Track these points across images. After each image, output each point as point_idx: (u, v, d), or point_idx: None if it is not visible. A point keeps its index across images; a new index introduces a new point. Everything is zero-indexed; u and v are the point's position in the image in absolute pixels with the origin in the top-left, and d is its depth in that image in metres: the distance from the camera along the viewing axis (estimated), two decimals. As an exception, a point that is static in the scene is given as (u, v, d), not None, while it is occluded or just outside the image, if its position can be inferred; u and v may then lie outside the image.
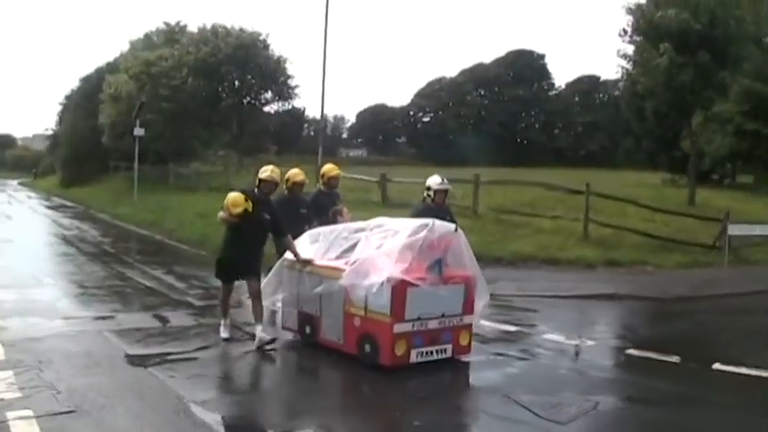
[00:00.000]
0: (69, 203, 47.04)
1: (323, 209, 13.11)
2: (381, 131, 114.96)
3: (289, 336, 11.64)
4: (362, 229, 10.98)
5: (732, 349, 12.23)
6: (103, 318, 13.23)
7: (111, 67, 54.72)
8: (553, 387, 9.61)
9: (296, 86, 51.18)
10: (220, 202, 28.79)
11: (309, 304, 11.08)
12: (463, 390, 10.18)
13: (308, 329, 11.20)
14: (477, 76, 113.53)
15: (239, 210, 10.95)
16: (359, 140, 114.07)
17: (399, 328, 9.75)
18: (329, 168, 13.78)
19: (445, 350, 10.33)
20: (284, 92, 51.92)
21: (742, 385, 10.08)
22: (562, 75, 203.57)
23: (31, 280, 16.92)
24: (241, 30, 50.52)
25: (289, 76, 51.10)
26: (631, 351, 11.66)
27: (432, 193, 12.81)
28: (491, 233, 21.84)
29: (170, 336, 12.05)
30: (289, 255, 11.43)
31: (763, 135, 38.84)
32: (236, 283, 11.86)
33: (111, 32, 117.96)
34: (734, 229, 21.83)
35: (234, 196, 11.06)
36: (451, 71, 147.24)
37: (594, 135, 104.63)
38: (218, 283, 16.99)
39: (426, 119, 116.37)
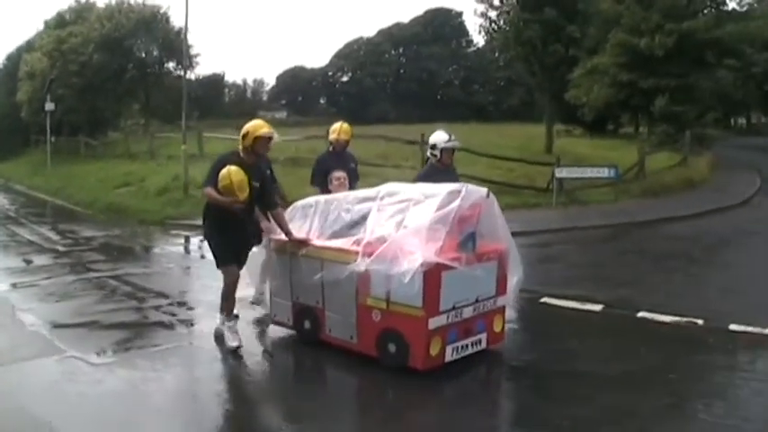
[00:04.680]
0: (-9, 178, 49.04)
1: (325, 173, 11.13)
2: (301, 93, 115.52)
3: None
4: (370, 199, 9.10)
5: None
6: (-18, 263, 16.28)
7: (30, 46, 56.59)
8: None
9: (197, 55, 53.64)
10: (119, 167, 31.63)
11: (307, 294, 9.25)
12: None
13: (306, 324, 9.41)
14: (395, 36, 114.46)
15: (247, 193, 8.90)
16: (282, 102, 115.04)
17: (434, 322, 8.10)
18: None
19: (480, 341, 8.77)
20: (188, 62, 54.25)
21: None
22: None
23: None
24: (143, 4, 52.97)
25: (189, 46, 53.39)
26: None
27: (438, 152, 10.44)
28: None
29: (27, 271, 15.07)
30: (275, 232, 9.67)
31: (638, 86, 40.19)
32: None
33: (33, 11, 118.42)
34: (562, 172, 23.80)
35: (239, 178, 8.79)
36: (369, 31, 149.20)
37: (514, 90, 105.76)
38: (89, 232, 20.21)
39: (345, 79, 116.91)
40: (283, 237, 9.36)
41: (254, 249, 9.77)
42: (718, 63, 41.31)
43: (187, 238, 19.73)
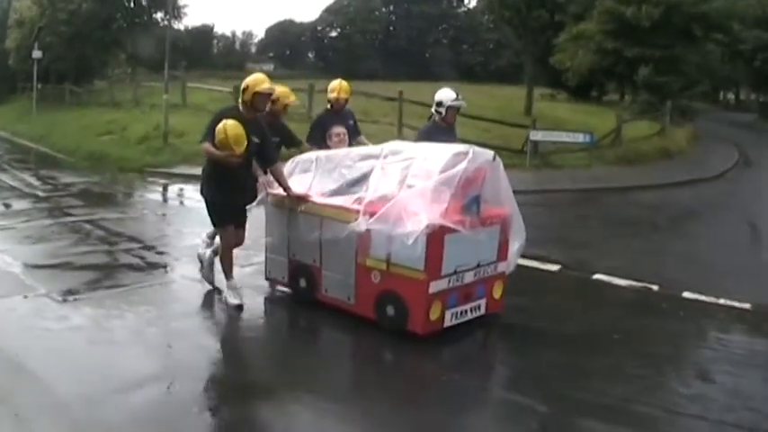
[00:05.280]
0: (-22, 124, 49.19)
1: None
2: (289, 46, 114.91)
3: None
4: (373, 157, 8.86)
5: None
6: (-36, 205, 16.70)
7: (19, -6, 56.78)
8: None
9: (185, 6, 53.74)
10: (103, 115, 31.98)
11: (305, 252, 9.02)
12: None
13: (302, 283, 9.17)
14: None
15: (243, 147, 8.54)
16: (270, 55, 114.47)
17: (436, 286, 7.92)
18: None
19: (479, 307, 8.59)
20: (174, 12, 54.31)
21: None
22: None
23: None
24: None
25: (177, -3, 53.69)
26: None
27: (443, 110, 10.13)
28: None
29: (6, 215, 15.48)
30: (273, 186, 9.29)
31: (623, 54, 40.28)
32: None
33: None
34: (537, 135, 24.05)
35: (235, 131, 8.45)
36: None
37: (503, 52, 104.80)
38: (69, 178, 20.45)
39: (334, 34, 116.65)
40: (282, 191, 9.05)
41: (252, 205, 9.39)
42: (705, 37, 41.39)
43: (165, 186, 20.19)
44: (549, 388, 7.16)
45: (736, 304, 10.02)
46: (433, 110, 10.34)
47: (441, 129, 10.03)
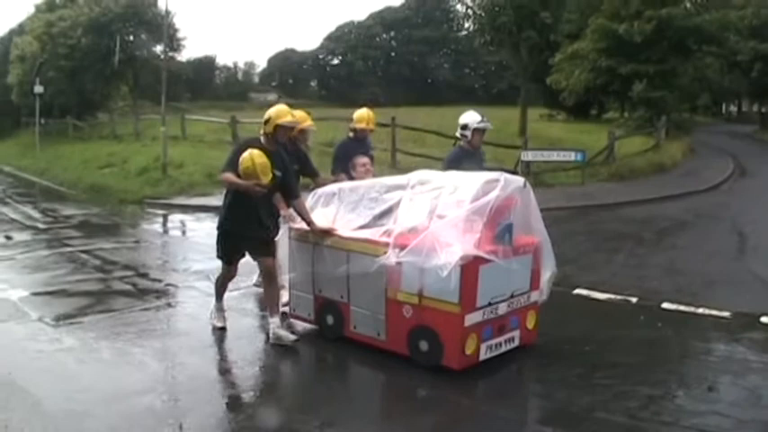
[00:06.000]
0: (-18, 159, 49.70)
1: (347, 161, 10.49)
2: (292, 75, 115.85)
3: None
4: (401, 187, 8.56)
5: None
6: (-32, 238, 17.17)
7: (21, 30, 57.31)
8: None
9: (183, 38, 54.46)
10: (104, 148, 32.41)
11: (331, 287, 8.75)
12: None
13: (329, 320, 8.90)
14: (386, 19, 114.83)
15: (270, 177, 8.49)
16: (273, 84, 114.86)
17: (471, 319, 7.67)
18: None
19: (513, 339, 8.36)
20: (173, 44, 55.08)
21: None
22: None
23: None
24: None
25: (176, 30, 54.52)
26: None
27: (469, 133, 9.97)
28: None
29: (7, 247, 15.91)
30: (296, 220, 9.12)
31: (617, 72, 40.40)
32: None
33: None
34: (528, 155, 24.45)
35: (262, 160, 8.40)
36: (360, 15, 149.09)
37: (504, 74, 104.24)
38: (69, 210, 20.89)
39: (335, 61, 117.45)
40: (305, 226, 8.83)
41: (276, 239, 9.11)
42: (699, 50, 41.63)
43: (163, 217, 20.63)
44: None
45: (715, 313, 10.17)
46: (458, 134, 10.14)
47: (468, 154, 9.88)
